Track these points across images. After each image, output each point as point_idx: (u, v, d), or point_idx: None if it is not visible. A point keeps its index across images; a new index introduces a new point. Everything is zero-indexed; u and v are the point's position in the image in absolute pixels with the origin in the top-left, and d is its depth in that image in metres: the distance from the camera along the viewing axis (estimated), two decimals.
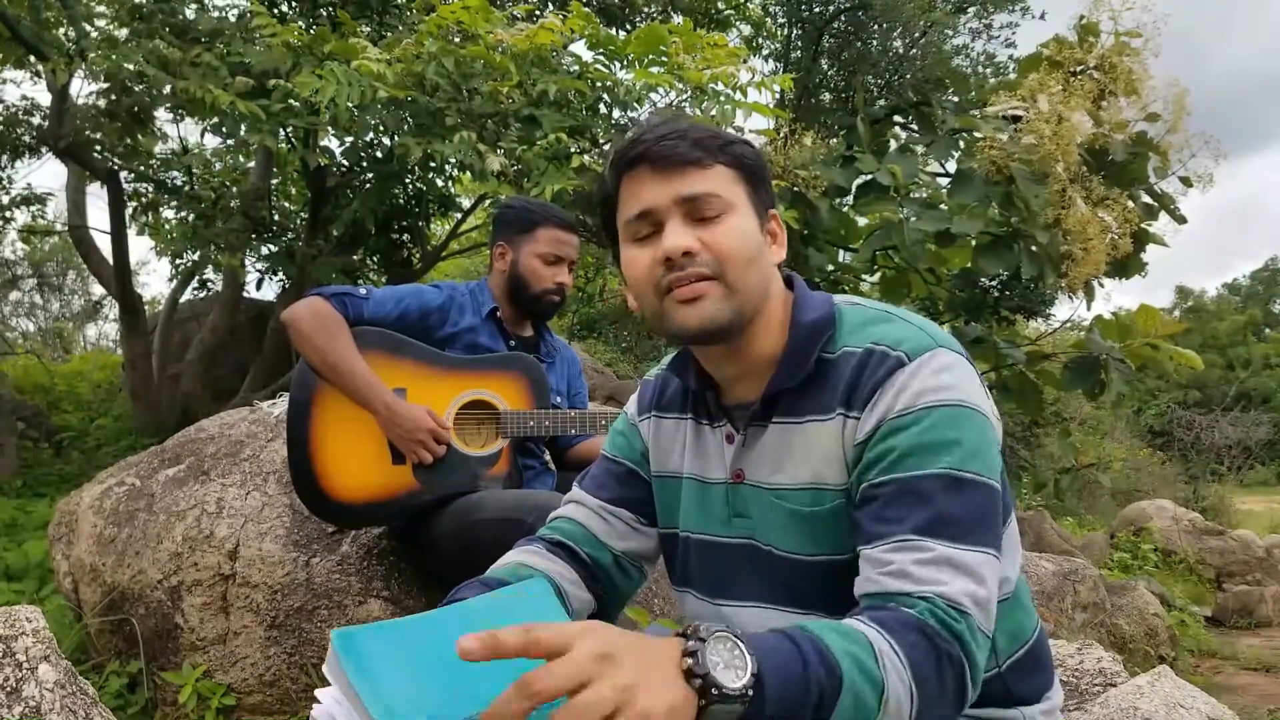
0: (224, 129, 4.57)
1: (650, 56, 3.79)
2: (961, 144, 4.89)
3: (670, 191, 0.99)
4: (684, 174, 0.99)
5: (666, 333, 1.03)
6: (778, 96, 5.26)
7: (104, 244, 6.16)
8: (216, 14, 4.80)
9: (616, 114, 3.89)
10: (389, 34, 4.32)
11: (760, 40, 8.65)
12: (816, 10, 9.37)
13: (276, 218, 6.21)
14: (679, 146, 0.98)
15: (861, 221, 4.93)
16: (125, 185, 5.70)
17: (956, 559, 0.87)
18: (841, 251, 5.19)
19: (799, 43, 9.76)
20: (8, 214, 6.07)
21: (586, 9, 3.76)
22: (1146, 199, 4.65)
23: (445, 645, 0.89)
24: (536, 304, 2.14)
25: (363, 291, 2.02)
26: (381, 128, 4.09)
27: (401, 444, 1.95)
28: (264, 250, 5.91)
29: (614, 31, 5.29)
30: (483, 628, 0.93)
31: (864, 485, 0.94)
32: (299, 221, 6.21)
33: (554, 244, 2.12)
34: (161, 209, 5.89)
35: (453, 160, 3.59)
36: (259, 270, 6.12)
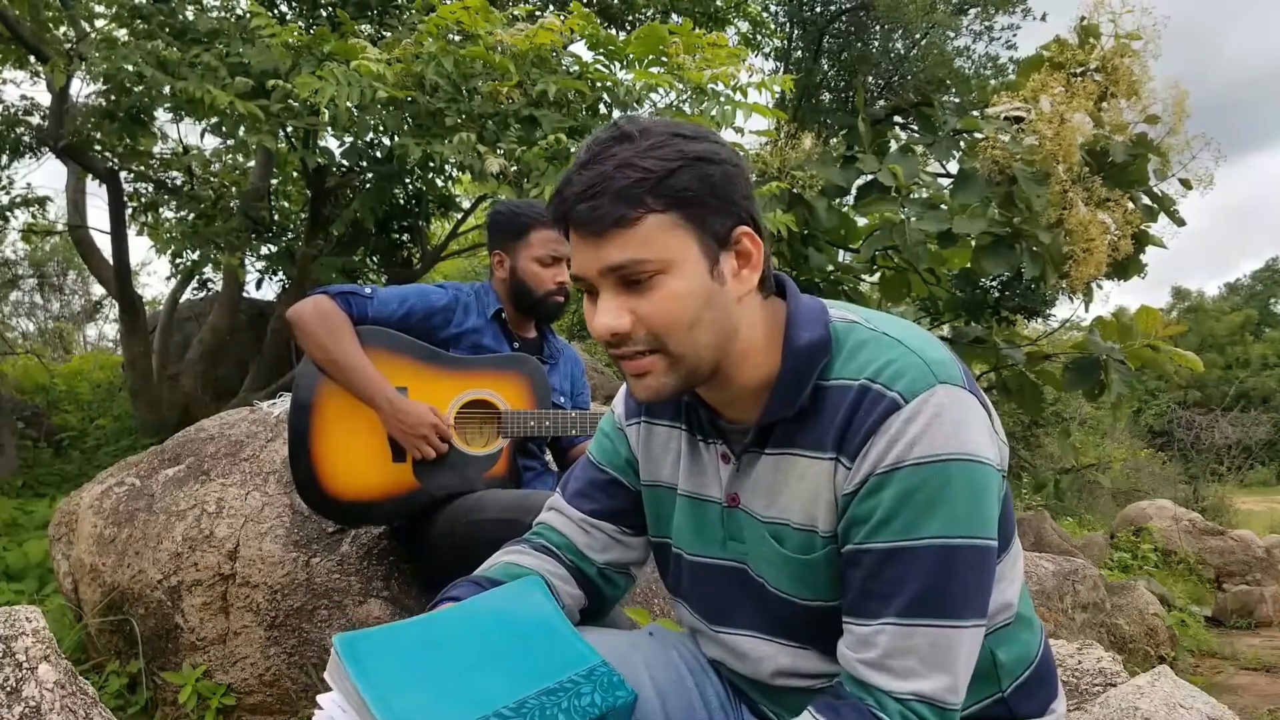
0: (223, 129, 4.57)
1: (650, 57, 3.79)
2: (963, 144, 4.90)
3: (596, 261, 0.89)
4: (607, 239, 0.88)
5: None
6: (778, 97, 5.26)
7: (104, 244, 6.16)
8: (215, 15, 4.80)
9: (616, 114, 3.88)
10: (388, 34, 4.32)
11: (760, 38, 8.64)
12: (818, 11, 9.38)
13: (276, 218, 6.21)
14: (600, 207, 0.87)
15: (861, 222, 4.94)
16: (125, 185, 5.70)
17: (941, 646, 0.86)
18: (841, 251, 5.20)
19: (800, 43, 9.77)
20: (8, 214, 6.07)
21: (586, 9, 3.76)
22: (1146, 201, 4.66)
23: (445, 649, 0.90)
24: (541, 307, 2.14)
25: (367, 290, 2.02)
26: (381, 128, 4.09)
27: (404, 439, 1.95)
28: (264, 250, 5.92)
29: (614, 31, 5.30)
30: (482, 629, 0.94)
31: (849, 545, 0.90)
32: (299, 221, 6.21)
33: (548, 245, 2.10)
34: (161, 209, 5.89)
35: (452, 161, 3.59)
36: (259, 270, 6.13)
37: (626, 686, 0.91)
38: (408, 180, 5.50)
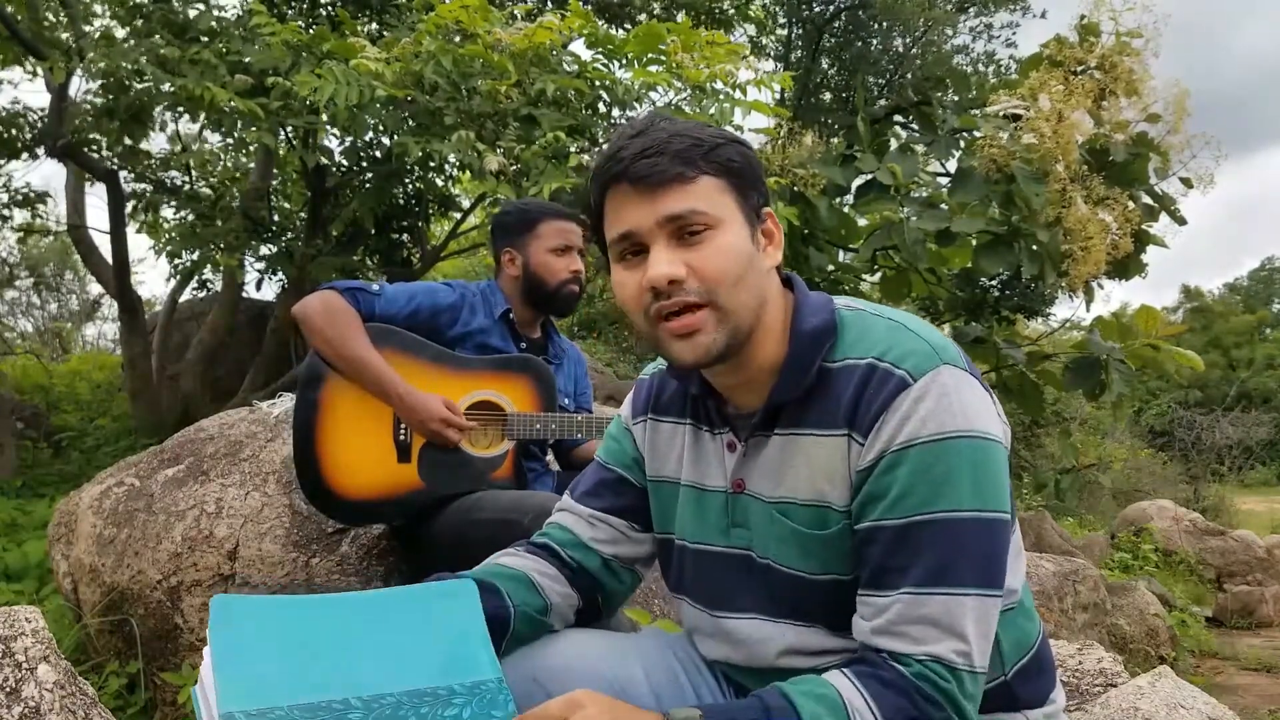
0: (223, 127, 4.57)
1: (649, 55, 3.79)
2: (962, 143, 4.90)
3: (652, 212, 0.94)
4: (666, 192, 0.93)
5: (662, 357, 1.02)
6: (778, 95, 5.26)
7: (103, 243, 6.16)
8: (215, 13, 4.80)
9: (615, 113, 3.88)
10: (388, 33, 4.32)
11: (764, 42, 8.63)
12: (817, 10, 9.38)
13: (276, 218, 6.20)
14: (659, 163, 0.93)
15: (862, 221, 4.94)
16: (124, 185, 5.69)
17: (954, 613, 0.88)
18: (841, 251, 5.19)
19: (799, 42, 9.77)
20: (6, 214, 6.06)
21: (585, 8, 3.76)
22: (1147, 200, 4.65)
23: (331, 631, 0.89)
24: (556, 298, 2.12)
25: (375, 288, 2.01)
26: (380, 127, 4.09)
27: (422, 431, 1.96)
28: (263, 250, 5.91)
29: (613, 30, 5.30)
30: (382, 619, 0.93)
31: (865, 522, 0.93)
32: (299, 221, 6.20)
33: (559, 235, 2.10)
34: (161, 209, 5.89)
35: (452, 159, 3.59)
36: (258, 270, 6.12)
37: (508, 709, 0.88)
38: (407, 180, 5.50)
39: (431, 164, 5.02)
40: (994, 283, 5.41)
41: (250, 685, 0.80)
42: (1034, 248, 4.24)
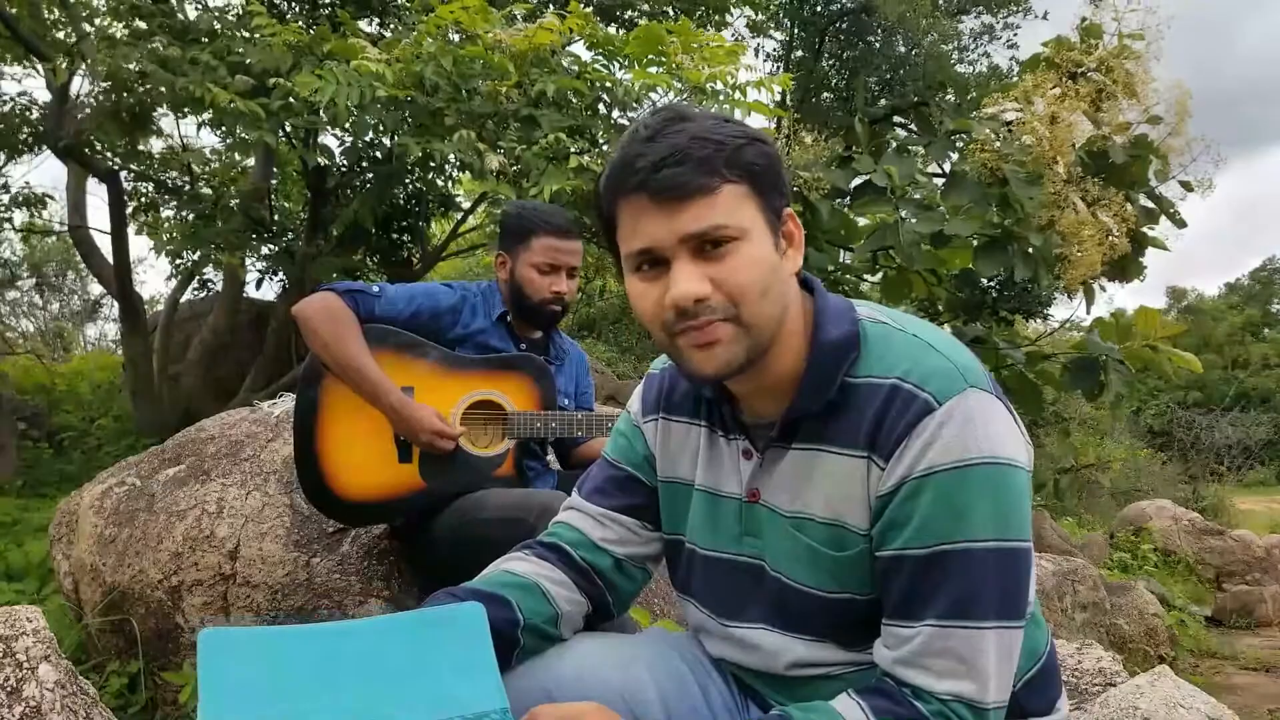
0: (223, 127, 4.57)
1: (649, 57, 3.80)
2: (959, 145, 4.90)
3: (674, 228, 0.88)
4: (687, 206, 0.87)
5: (679, 368, 0.98)
6: (778, 97, 5.26)
7: (104, 244, 6.16)
8: (215, 14, 4.80)
9: (615, 114, 3.89)
10: (389, 34, 4.32)
11: (762, 23, 8.56)
12: (818, 11, 9.38)
13: (276, 218, 6.21)
14: (681, 174, 0.87)
15: (862, 222, 4.94)
16: (125, 185, 5.70)
17: (977, 647, 0.87)
18: (842, 251, 5.20)
19: (800, 43, 9.77)
20: (7, 214, 6.06)
21: (585, 9, 3.77)
22: (1146, 202, 4.66)
23: (322, 664, 0.86)
24: (535, 314, 2.12)
25: (375, 289, 2.02)
26: (381, 127, 4.10)
27: (414, 440, 1.96)
28: (264, 250, 5.91)
29: (612, 29, 5.30)
30: (378, 651, 0.90)
31: (887, 550, 0.91)
32: (299, 221, 6.21)
33: (549, 253, 2.08)
34: (161, 209, 5.89)
35: (452, 159, 3.60)
36: (259, 270, 6.13)
37: None
38: (408, 180, 5.50)
39: (432, 164, 5.02)
40: (992, 283, 5.42)
41: None
42: (1028, 251, 4.25)
